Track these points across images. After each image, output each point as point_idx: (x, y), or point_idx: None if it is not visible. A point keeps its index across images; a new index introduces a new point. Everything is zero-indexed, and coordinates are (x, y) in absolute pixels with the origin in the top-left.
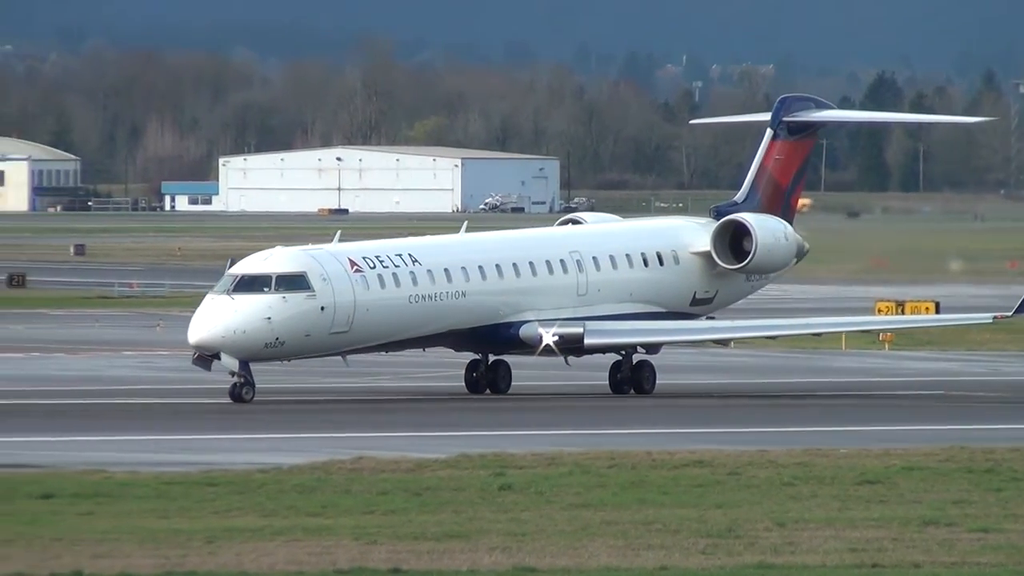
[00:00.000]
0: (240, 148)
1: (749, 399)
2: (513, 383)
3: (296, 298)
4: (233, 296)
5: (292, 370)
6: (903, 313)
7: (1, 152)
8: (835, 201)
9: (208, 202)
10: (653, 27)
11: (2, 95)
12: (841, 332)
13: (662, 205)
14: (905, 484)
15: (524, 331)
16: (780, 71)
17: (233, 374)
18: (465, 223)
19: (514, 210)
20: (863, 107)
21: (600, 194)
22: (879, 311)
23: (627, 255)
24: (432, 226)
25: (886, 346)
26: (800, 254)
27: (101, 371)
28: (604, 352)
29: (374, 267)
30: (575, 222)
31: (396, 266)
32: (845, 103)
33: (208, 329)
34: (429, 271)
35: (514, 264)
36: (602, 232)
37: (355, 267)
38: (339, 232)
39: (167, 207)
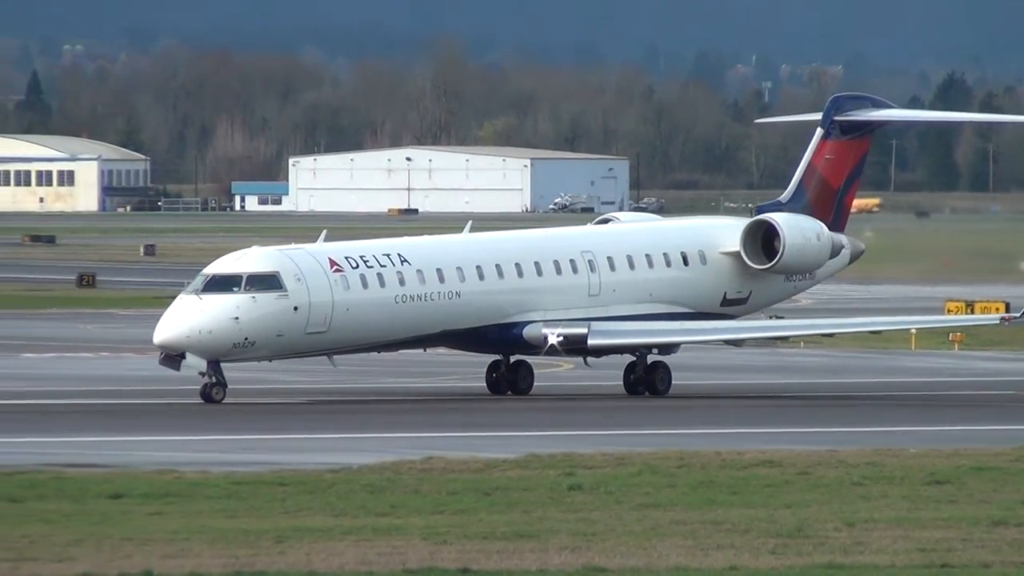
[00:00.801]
0: (310, 148)
1: (819, 399)
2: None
3: (266, 298)
4: (201, 296)
5: (351, 370)
6: (972, 313)
7: (71, 152)
8: (904, 201)
9: (278, 202)
10: (723, 27)
11: (73, 95)
12: (852, 332)
13: (731, 205)
14: (975, 484)
15: (528, 331)
16: (849, 71)
17: (202, 374)
18: (469, 223)
19: (583, 210)
20: (932, 107)
21: (669, 194)
22: (948, 311)
23: (647, 255)
24: (500, 226)
25: (955, 346)
26: (854, 255)
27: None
28: (609, 353)
29: (357, 267)
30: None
31: (382, 266)
32: (914, 103)
33: (172, 329)
34: (419, 271)
35: (516, 264)
36: (620, 232)
37: (335, 267)
38: (324, 232)
39: (237, 207)
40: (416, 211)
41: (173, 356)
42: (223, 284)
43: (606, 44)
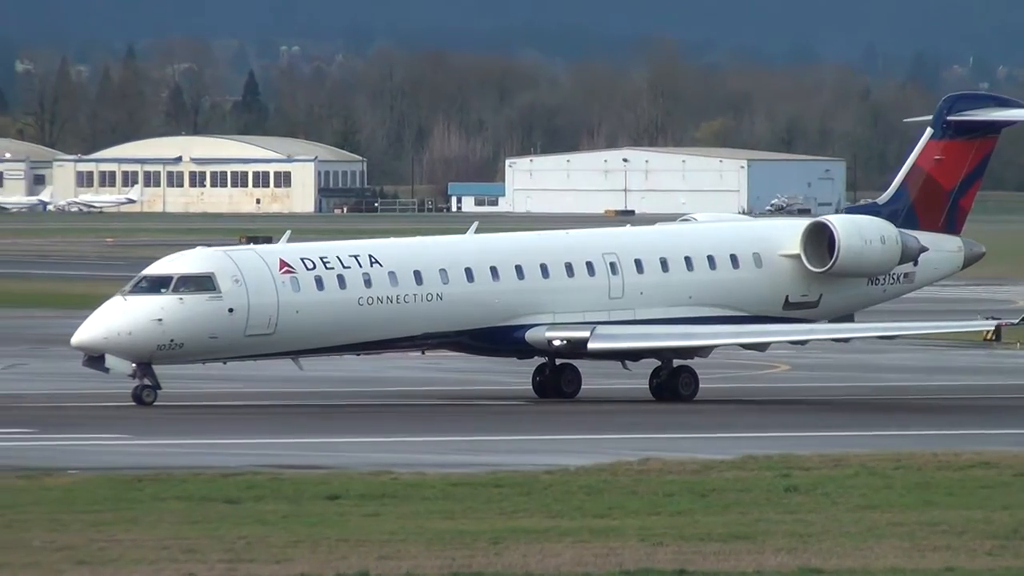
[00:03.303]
0: (526, 149)
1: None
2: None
3: (195, 299)
4: (127, 298)
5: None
6: None
7: (288, 153)
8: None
9: (494, 203)
10: (940, 28)
11: (289, 96)
12: (845, 337)
13: None
14: None
15: (531, 334)
16: None
17: (132, 376)
18: (475, 223)
19: (800, 212)
20: None
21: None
22: None
23: (686, 257)
24: None
25: None
26: (971, 258)
27: (384, 372)
28: (611, 358)
29: (312, 268)
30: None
31: (345, 267)
32: None
33: (90, 331)
34: (391, 273)
35: (518, 266)
36: (657, 233)
37: (285, 268)
38: (288, 232)
39: (453, 208)
40: (632, 212)
41: (95, 358)
42: (152, 285)
43: (823, 44)
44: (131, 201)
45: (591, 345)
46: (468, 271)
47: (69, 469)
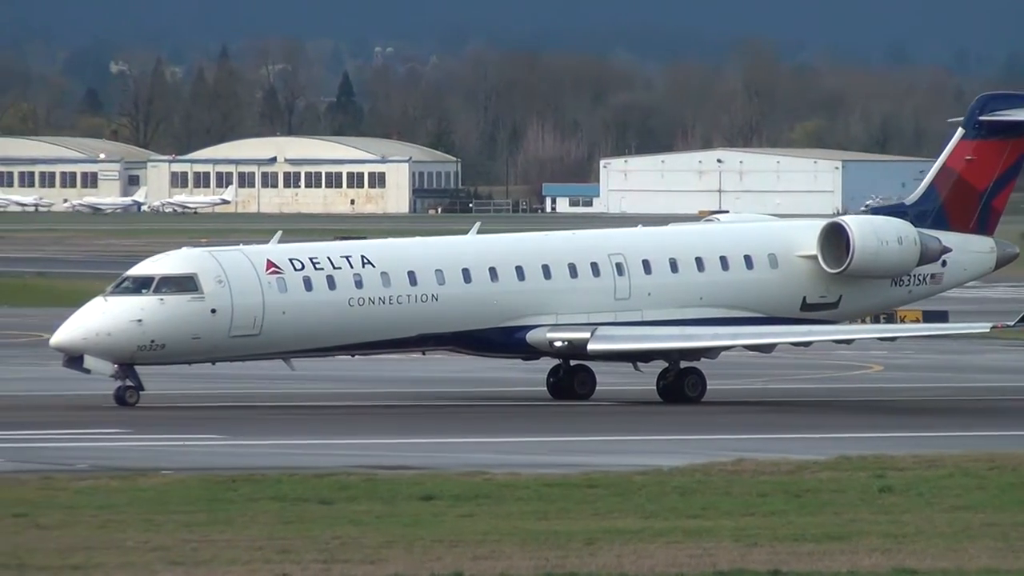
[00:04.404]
0: (620, 150)
1: None
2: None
3: (176, 300)
4: (107, 298)
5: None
6: None
7: (382, 154)
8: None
9: (589, 204)
10: None
11: (384, 97)
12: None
13: None
14: None
15: (532, 336)
16: None
17: (115, 378)
18: (477, 224)
19: None
20: None
21: None
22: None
23: (697, 258)
24: None
25: None
26: (1004, 259)
27: (478, 372)
28: (609, 359)
29: (301, 269)
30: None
31: (336, 268)
32: None
33: (69, 332)
34: (384, 273)
35: (518, 267)
36: (667, 233)
37: (272, 268)
38: (279, 232)
39: (547, 209)
40: (727, 213)
41: (74, 358)
42: (134, 286)
43: (916, 45)
44: (225, 202)
45: (591, 346)
46: (465, 272)
47: (163, 469)
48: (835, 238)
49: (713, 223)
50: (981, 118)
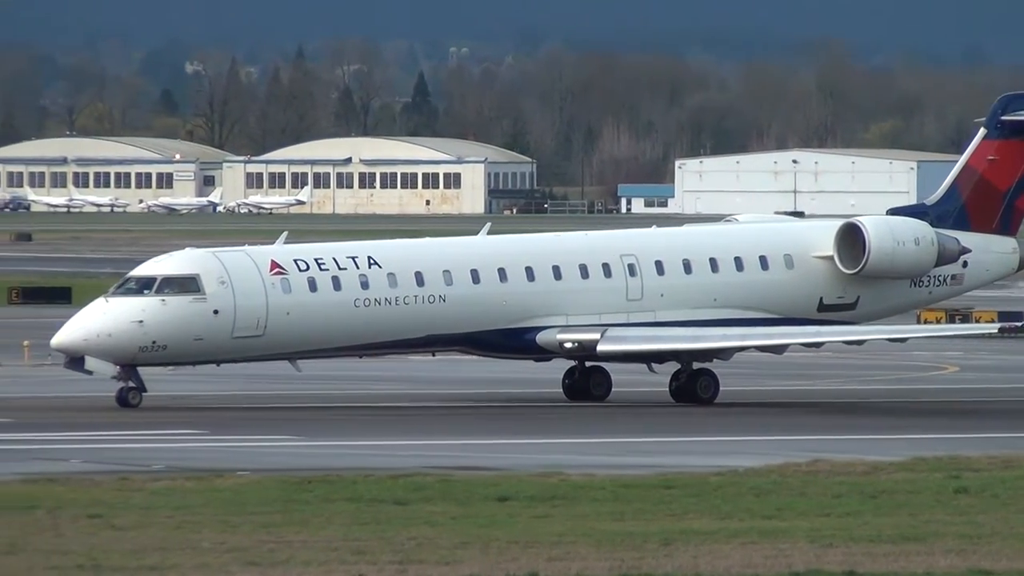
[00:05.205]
0: (696, 150)
1: None
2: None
3: (178, 301)
4: (108, 299)
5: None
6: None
7: (458, 154)
8: None
9: (664, 204)
10: None
11: (459, 97)
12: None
13: None
14: None
15: (542, 336)
16: None
17: (117, 379)
18: (487, 225)
19: None
20: None
21: None
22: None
23: (711, 259)
24: None
25: None
26: None
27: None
28: (619, 360)
29: (306, 269)
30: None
31: (341, 268)
32: None
33: (69, 333)
34: (391, 274)
35: (528, 268)
36: (681, 234)
37: (276, 269)
38: (285, 233)
39: (623, 210)
40: (802, 213)
41: (76, 359)
42: (137, 287)
43: (992, 46)
44: (300, 202)
45: (600, 347)
46: (474, 272)
47: (239, 470)
48: (851, 238)
49: (729, 224)
50: (1003, 118)
